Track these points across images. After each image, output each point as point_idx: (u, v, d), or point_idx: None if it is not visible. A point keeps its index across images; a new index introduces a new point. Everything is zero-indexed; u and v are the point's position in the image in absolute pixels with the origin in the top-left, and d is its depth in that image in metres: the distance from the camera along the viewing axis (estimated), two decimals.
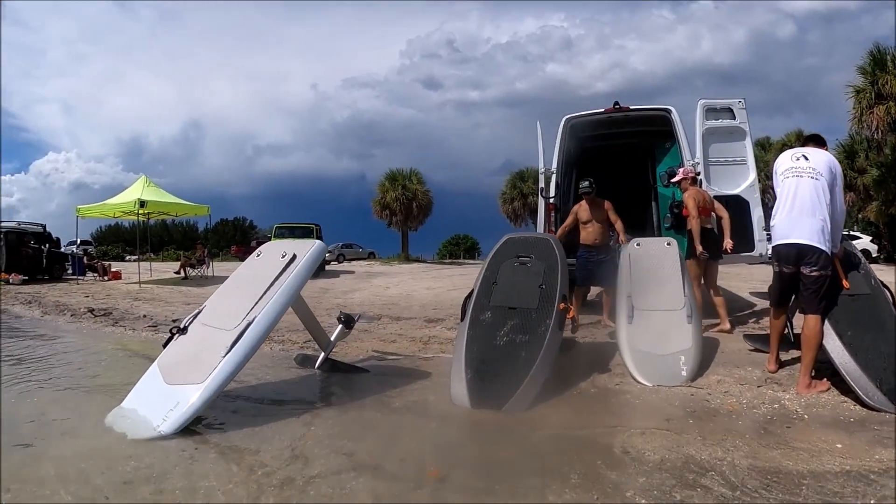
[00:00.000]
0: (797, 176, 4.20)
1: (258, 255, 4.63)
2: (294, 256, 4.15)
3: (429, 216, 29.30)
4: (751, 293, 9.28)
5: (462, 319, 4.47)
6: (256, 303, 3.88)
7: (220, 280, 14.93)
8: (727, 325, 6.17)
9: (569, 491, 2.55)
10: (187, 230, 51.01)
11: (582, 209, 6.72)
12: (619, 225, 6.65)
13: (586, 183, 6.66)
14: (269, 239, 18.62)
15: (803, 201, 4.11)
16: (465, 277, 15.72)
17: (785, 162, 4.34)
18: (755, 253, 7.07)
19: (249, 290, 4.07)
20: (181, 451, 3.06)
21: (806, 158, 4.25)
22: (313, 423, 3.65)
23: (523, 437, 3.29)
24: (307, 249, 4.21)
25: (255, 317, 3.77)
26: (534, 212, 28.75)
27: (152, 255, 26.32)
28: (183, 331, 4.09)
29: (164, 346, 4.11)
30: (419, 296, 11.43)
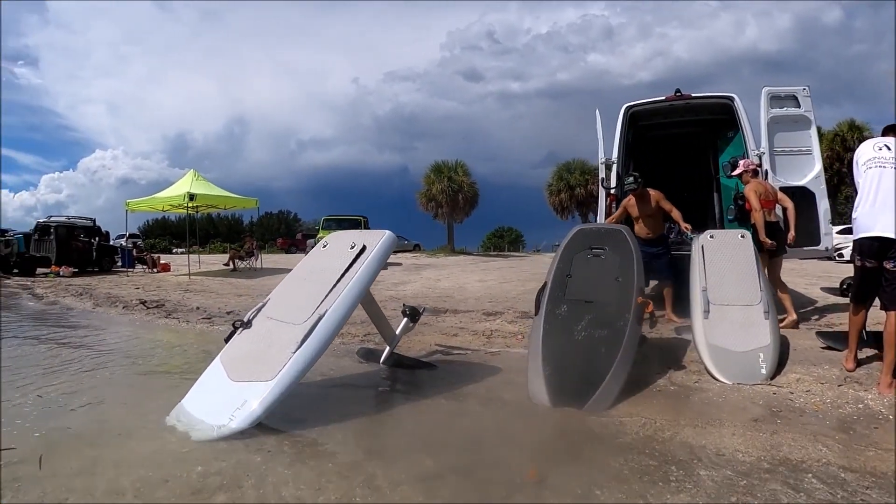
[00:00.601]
0: (880, 166, 4.05)
1: (324, 246, 4.47)
2: (364, 247, 4.02)
3: (475, 208, 29.20)
4: (822, 289, 8.93)
5: (536, 313, 4.33)
6: (326, 296, 3.75)
7: (269, 272, 15.10)
8: (794, 316, 6.00)
9: (671, 495, 2.45)
10: (232, 223, 52.08)
11: (630, 204, 6.60)
12: (675, 213, 6.45)
13: (631, 178, 6.53)
14: (317, 231, 18.80)
15: (887, 193, 3.94)
16: (514, 270, 15.58)
17: (867, 152, 4.19)
18: (821, 247, 6.79)
19: (318, 282, 3.93)
20: (252, 453, 2.90)
21: (888, 148, 4.10)
22: (388, 421, 3.55)
23: (612, 437, 3.14)
24: (378, 240, 4.07)
25: (327, 310, 3.62)
26: (581, 204, 28.90)
27: (198, 247, 26.77)
28: (247, 325, 3.92)
29: (227, 340, 3.94)
30: (472, 288, 11.29)
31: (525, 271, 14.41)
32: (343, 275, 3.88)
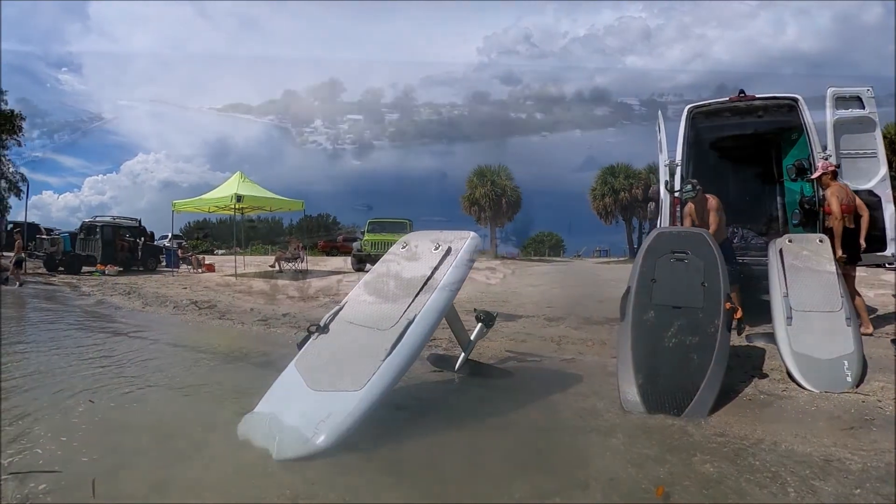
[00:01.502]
0: None
1: (403, 247, 4.27)
2: (450, 248, 3.91)
3: (517, 212, 29.18)
4: (894, 295, 8.64)
5: (622, 319, 4.25)
6: (414, 299, 3.60)
7: (315, 274, 15.05)
8: (870, 328, 5.83)
9: None
10: (273, 226, 52.54)
11: (690, 212, 6.48)
12: (712, 230, 6.23)
13: (689, 186, 6.40)
14: (362, 234, 18.78)
15: None
16: (562, 275, 15.44)
17: None
18: (888, 253, 6.58)
19: (402, 285, 3.79)
20: (339, 473, 2.64)
21: None
22: (483, 435, 3.27)
23: (717, 447, 3.06)
24: (464, 241, 3.95)
25: (416, 314, 3.47)
26: (625, 208, 28.52)
27: (238, 248, 27.03)
28: (323, 329, 3.73)
29: (300, 346, 3.74)
30: (526, 293, 11.08)
31: (574, 276, 14.21)
32: (430, 277, 3.75)
